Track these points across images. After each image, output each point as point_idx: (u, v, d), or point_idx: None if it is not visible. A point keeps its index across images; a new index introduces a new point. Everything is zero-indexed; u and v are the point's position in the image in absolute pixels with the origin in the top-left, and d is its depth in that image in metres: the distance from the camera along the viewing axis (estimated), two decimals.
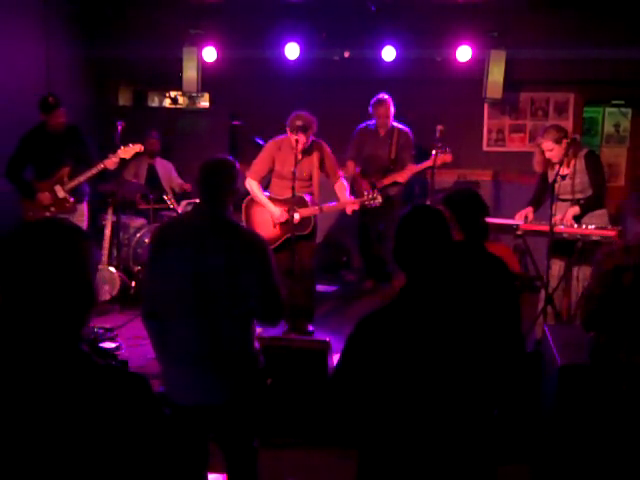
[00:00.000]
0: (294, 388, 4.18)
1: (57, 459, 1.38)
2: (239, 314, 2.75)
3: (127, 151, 5.68)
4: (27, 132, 5.63)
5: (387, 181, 6.39)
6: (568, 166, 4.94)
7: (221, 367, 2.75)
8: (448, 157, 6.10)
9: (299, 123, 5.01)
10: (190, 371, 2.76)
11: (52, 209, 5.62)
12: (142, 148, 5.85)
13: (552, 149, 4.90)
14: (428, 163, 6.15)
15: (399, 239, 2.13)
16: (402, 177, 6.37)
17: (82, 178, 5.64)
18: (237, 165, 3.02)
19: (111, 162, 5.59)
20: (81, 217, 5.80)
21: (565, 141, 4.86)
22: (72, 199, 5.69)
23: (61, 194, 5.63)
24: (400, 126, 6.46)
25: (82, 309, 1.51)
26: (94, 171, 5.60)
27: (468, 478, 2.08)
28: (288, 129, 5.10)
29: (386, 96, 6.36)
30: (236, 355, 2.79)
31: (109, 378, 1.45)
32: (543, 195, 5.17)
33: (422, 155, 6.43)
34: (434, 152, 6.01)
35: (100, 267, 6.01)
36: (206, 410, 2.80)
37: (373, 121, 6.51)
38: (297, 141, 5.04)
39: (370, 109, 6.42)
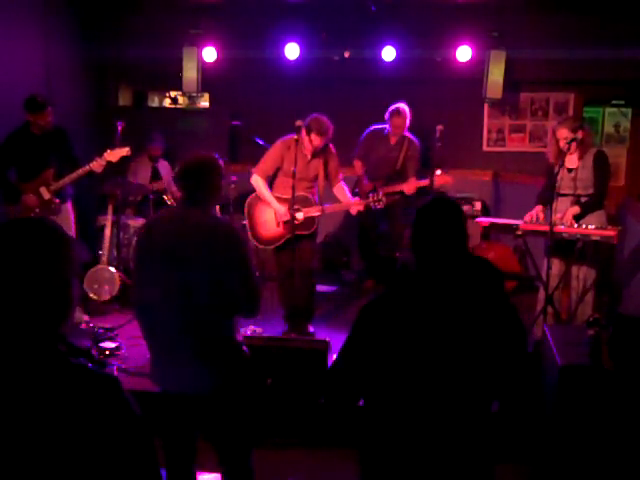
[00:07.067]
0: (294, 388, 4.18)
1: (23, 460, 1.38)
2: (219, 304, 2.78)
3: (114, 154, 5.50)
4: (10, 133, 5.49)
5: (389, 189, 6.27)
6: (580, 159, 4.95)
7: (204, 353, 2.80)
8: (448, 179, 5.99)
9: (317, 126, 5.03)
10: (175, 358, 2.81)
11: (37, 211, 5.49)
12: (129, 152, 5.65)
13: (567, 137, 4.90)
14: (427, 182, 6.00)
15: (417, 227, 2.19)
16: (408, 189, 6.20)
17: (67, 180, 5.51)
18: (221, 161, 3.01)
19: (97, 165, 5.44)
20: (67, 217, 5.66)
21: (580, 132, 4.88)
22: (57, 200, 5.56)
23: (46, 196, 5.49)
24: (411, 137, 6.40)
25: (58, 309, 1.49)
26: (80, 173, 5.47)
27: (464, 471, 2.09)
28: (304, 130, 5.08)
29: (405, 107, 6.25)
30: (218, 342, 2.84)
31: (78, 379, 1.45)
32: (550, 192, 5.16)
33: (424, 163, 6.42)
34: (438, 172, 5.89)
35: (100, 267, 6.00)
36: (194, 400, 2.84)
37: (386, 125, 6.40)
38: (310, 141, 5.06)
39: (386, 115, 6.33)
